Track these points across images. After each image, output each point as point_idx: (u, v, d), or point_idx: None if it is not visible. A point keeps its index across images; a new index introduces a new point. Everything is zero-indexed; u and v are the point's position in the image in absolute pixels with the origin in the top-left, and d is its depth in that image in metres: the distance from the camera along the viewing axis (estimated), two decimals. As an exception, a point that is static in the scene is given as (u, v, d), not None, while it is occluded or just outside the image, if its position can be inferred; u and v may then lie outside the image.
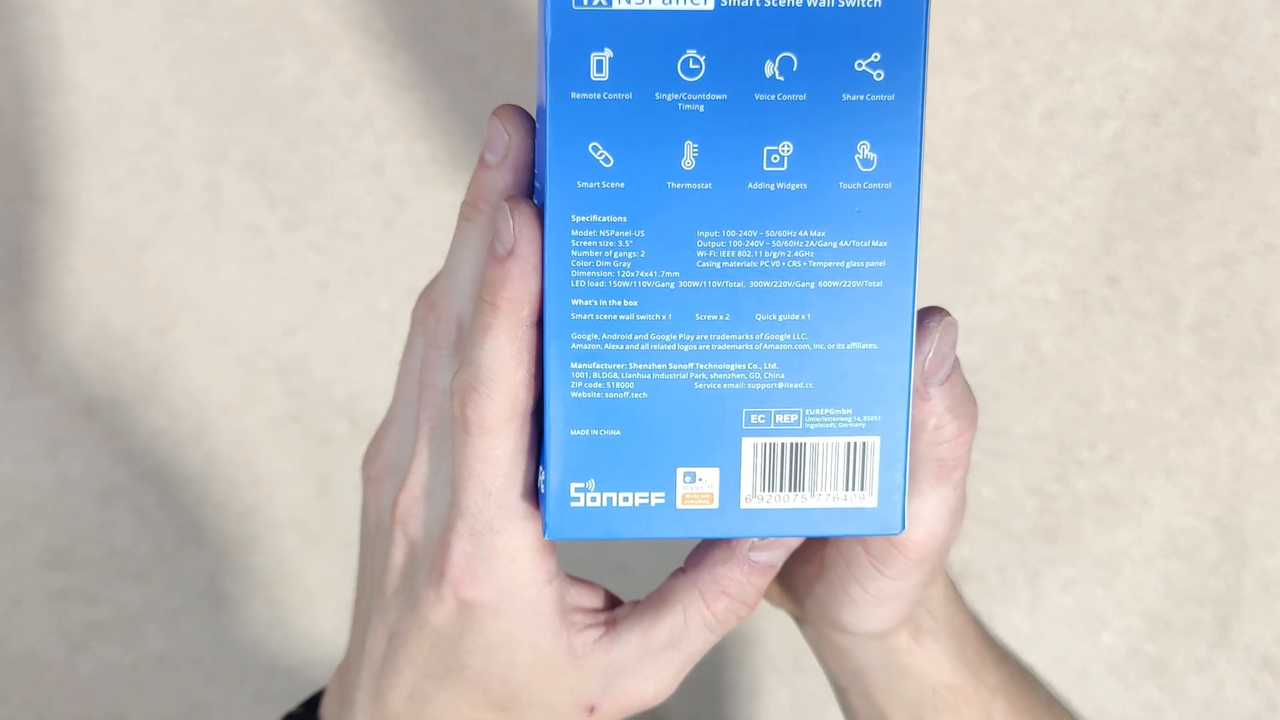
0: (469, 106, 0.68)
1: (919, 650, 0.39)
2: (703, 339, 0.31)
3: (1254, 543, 0.69)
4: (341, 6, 0.67)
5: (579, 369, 0.31)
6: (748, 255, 0.30)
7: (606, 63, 0.29)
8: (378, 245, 0.68)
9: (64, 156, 0.68)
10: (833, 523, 0.32)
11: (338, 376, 0.70)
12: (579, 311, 0.31)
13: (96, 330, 0.69)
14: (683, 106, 0.29)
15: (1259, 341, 0.67)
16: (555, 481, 0.32)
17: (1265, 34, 0.64)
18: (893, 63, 0.29)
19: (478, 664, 0.34)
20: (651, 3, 0.29)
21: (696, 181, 0.30)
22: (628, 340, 0.31)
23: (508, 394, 0.31)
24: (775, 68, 0.29)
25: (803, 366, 0.31)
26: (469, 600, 0.33)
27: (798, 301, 0.30)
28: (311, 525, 0.71)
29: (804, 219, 0.30)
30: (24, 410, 0.69)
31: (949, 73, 0.66)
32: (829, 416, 0.31)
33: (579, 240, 0.30)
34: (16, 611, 0.71)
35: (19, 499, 0.70)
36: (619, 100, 0.29)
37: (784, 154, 0.30)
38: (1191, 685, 0.70)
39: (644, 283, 0.30)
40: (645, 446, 0.31)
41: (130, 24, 0.67)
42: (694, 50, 0.29)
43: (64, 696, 0.71)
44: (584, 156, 0.30)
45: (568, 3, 0.29)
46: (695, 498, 0.32)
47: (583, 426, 0.31)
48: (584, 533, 0.32)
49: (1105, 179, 0.66)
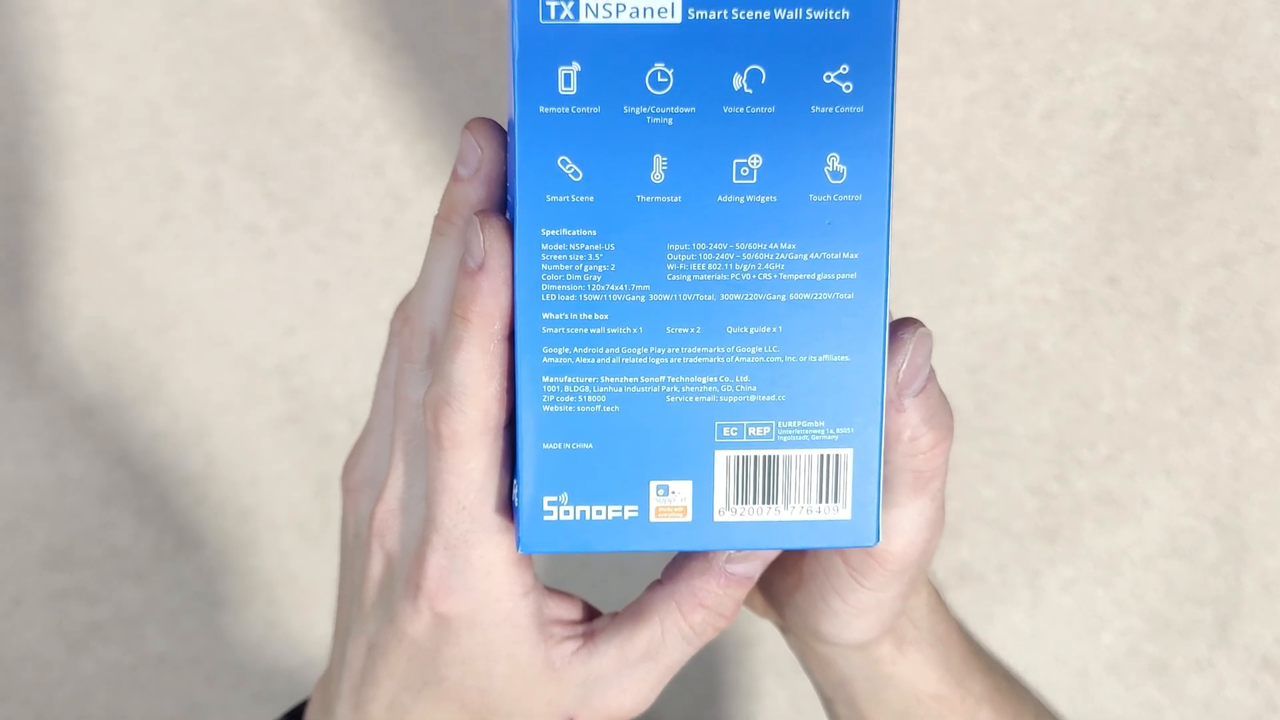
0: (469, 107, 0.68)
1: (903, 660, 0.39)
2: (674, 352, 0.31)
3: (1254, 543, 0.69)
4: (341, 7, 0.67)
5: (550, 383, 0.31)
6: (718, 268, 0.30)
7: (574, 76, 0.29)
8: (377, 245, 0.68)
9: (64, 156, 0.68)
10: (807, 536, 0.32)
11: (337, 377, 0.70)
12: (550, 325, 0.31)
13: (96, 330, 0.69)
14: (651, 120, 0.29)
15: (1259, 341, 0.67)
16: (528, 495, 0.32)
17: (1265, 34, 0.64)
18: (861, 74, 0.29)
19: (455, 676, 0.34)
20: (619, 16, 0.29)
21: (666, 194, 0.30)
22: (599, 354, 0.31)
23: (479, 408, 0.31)
24: (744, 80, 0.29)
25: (775, 379, 0.31)
26: (445, 614, 0.34)
27: (769, 314, 0.30)
28: (311, 525, 0.71)
29: (774, 231, 0.30)
30: (24, 410, 0.70)
31: (949, 73, 0.66)
32: (802, 429, 0.31)
33: (549, 254, 0.30)
34: (16, 611, 0.71)
35: (19, 499, 0.70)
36: (587, 114, 0.29)
37: (753, 166, 0.30)
38: (1191, 685, 0.70)
39: (614, 296, 0.30)
40: (618, 460, 0.31)
41: (130, 24, 0.67)
42: (662, 63, 0.29)
43: (64, 696, 0.71)
44: (553, 170, 0.30)
45: (535, 17, 0.29)
46: (668, 511, 0.32)
47: (555, 440, 0.31)
48: (557, 546, 0.32)
49: (1105, 179, 0.66)
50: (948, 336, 0.67)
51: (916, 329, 0.32)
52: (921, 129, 0.66)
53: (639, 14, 0.29)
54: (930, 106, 0.66)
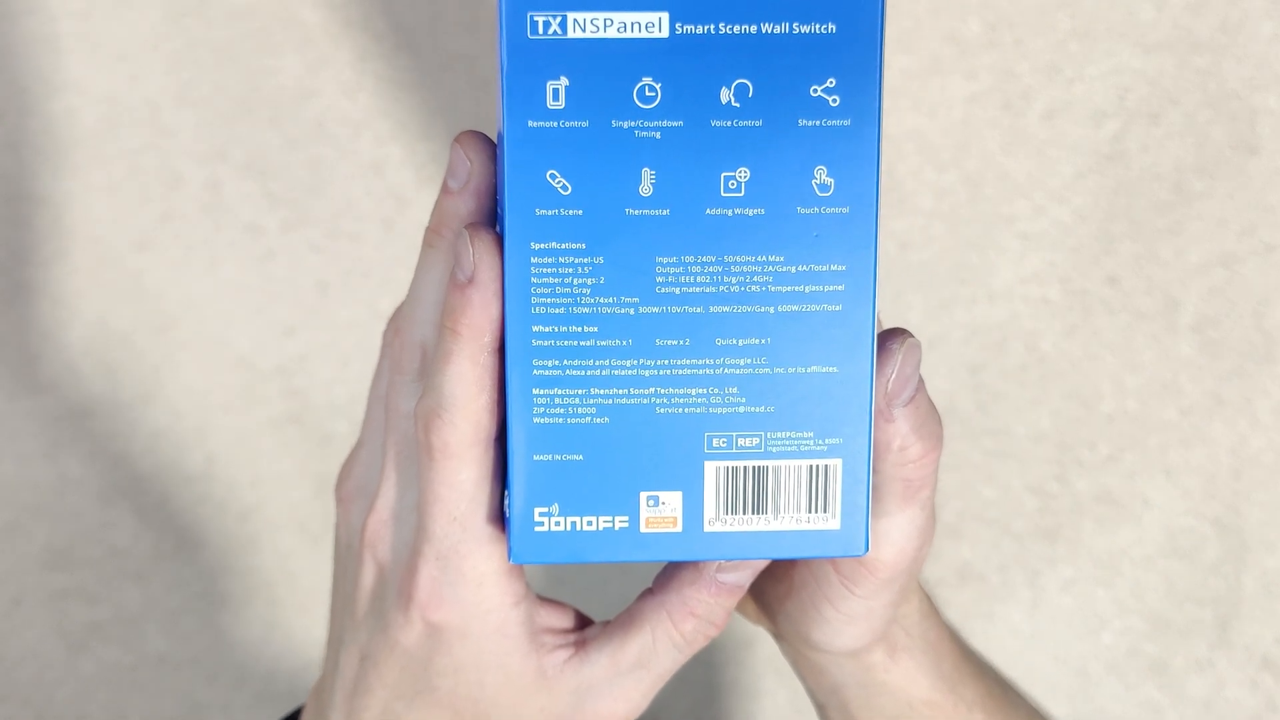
0: (469, 107, 0.68)
1: (895, 667, 0.39)
2: (663, 364, 0.31)
3: (1254, 543, 0.69)
4: (342, 6, 0.67)
5: (540, 395, 0.31)
6: (706, 281, 0.30)
7: (563, 91, 0.29)
8: (378, 246, 0.68)
9: (64, 156, 0.68)
10: (796, 545, 0.32)
11: (337, 377, 0.70)
12: (540, 338, 0.31)
13: (96, 330, 0.69)
14: (639, 134, 0.29)
15: (1259, 341, 0.67)
16: (519, 506, 0.32)
17: (1265, 34, 0.64)
18: (848, 88, 0.29)
19: (447, 685, 0.35)
20: (606, 31, 0.29)
21: (654, 208, 0.30)
22: (589, 366, 0.31)
23: (470, 419, 0.32)
24: (731, 94, 0.29)
25: (763, 390, 0.31)
26: (436, 623, 0.34)
27: (757, 326, 0.30)
28: (311, 525, 0.71)
29: (762, 244, 0.30)
30: (24, 410, 0.70)
31: (949, 73, 0.66)
32: (791, 440, 0.31)
33: (538, 267, 0.30)
34: (16, 611, 0.71)
35: (19, 499, 0.70)
36: (576, 128, 0.29)
37: (741, 180, 0.30)
38: (1191, 685, 0.70)
39: (604, 309, 0.30)
40: (608, 471, 0.32)
41: (130, 24, 0.67)
42: (650, 78, 0.29)
43: (64, 696, 0.71)
44: (542, 184, 0.30)
45: (523, 32, 0.29)
46: (659, 521, 0.32)
47: (545, 452, 0.31)
48: (548, 557, 0.32)
49: (1105, 179, 0.66)
50: (948, 336, 0.67)
51: (905, 339, 0.32)
52: (921, 129, 0.66)
53: (626, 28, 0.29)
54: (930, 106, 0.66)
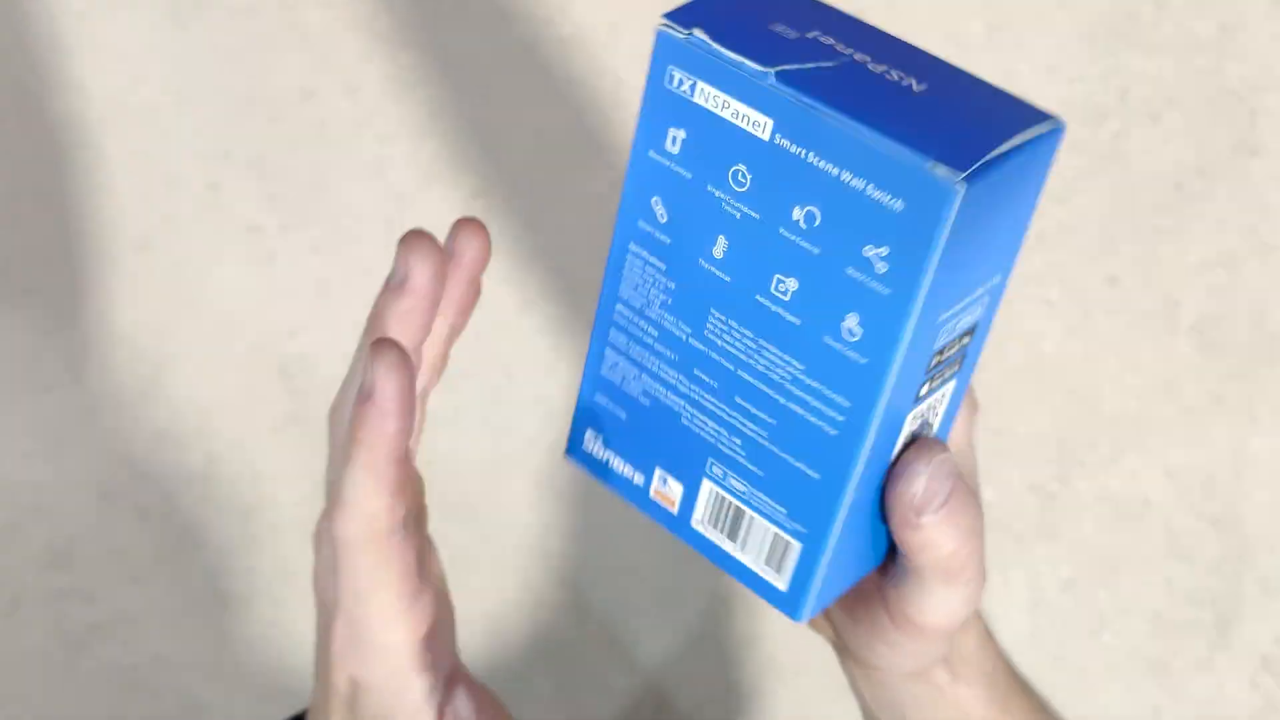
0: (470, 107, 0.68)
1: (955, 688, 0.41)
2: (695, 391, 0.34)
3: (1254, 543, 0.69)
4: (343, 6, 0.67)
5: (610, 355, 0.35)
6: (741, 349, 0.33)
7: (680, 140, 0.32)
8: (379, 246, 0.68)
9: (64, 156, 0.68)
10: (751, 581, 0.35)
11: (338, 377, 0.70)
12: (620, 315, 0.35)
13: (96, 330, 0.69)
14: (725, 206, 0.32)
15: (1259, 341, 0.67)
16: (577, 419, 0.37)
17: (1265, 34, 0.64)
18: (898, 262, 0.30)
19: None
20: (723, 111, 0.31)
21: (720, 270, 0.32)
22: (644, 357, 0.35)
23: (362, 519, 0.33)
24: (802, 215, 0.31)
25: (759, 457, 0.34)
26: (351, 676, 0.36)
27: (768, 406, 0.33)
28: (311, 526, 0.71)
29: (790, 347, 0.32)
30: (24, 410, 0.70)
31: (949, 73, 0.66)
32: (769, 505, 0.34)
33: (631, 263, 0.34)
34: (16, 611, 0.71)
35: (19, 499, 0.70)
36: (681, 175, 0.32)
37: (789, 288, 0.32)
38: (1191, 685, 0.70)
39: (666, 323, 0.34)
40: (638, 438, 0.36)
41: (130, 24, 0.67)
42: (744, 166, 0.31)
43: (64, 696, 0.71)
44: (647, 204, 0.33)
45: (662, 79, 0.32)
46: (663, 497, 0.36)
47: (603, 397, 0.36)
48: (589, 467, 0.37)
49: (1105, 179, 0.66)
50: (948, 336, 0.67)
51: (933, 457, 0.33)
52: (922, 129, 0.66)
53: (739, 117, 0.31)
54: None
